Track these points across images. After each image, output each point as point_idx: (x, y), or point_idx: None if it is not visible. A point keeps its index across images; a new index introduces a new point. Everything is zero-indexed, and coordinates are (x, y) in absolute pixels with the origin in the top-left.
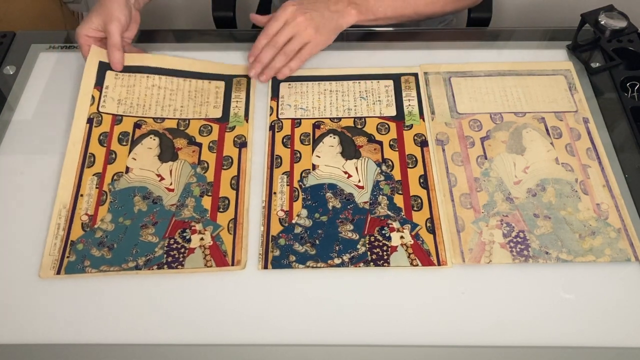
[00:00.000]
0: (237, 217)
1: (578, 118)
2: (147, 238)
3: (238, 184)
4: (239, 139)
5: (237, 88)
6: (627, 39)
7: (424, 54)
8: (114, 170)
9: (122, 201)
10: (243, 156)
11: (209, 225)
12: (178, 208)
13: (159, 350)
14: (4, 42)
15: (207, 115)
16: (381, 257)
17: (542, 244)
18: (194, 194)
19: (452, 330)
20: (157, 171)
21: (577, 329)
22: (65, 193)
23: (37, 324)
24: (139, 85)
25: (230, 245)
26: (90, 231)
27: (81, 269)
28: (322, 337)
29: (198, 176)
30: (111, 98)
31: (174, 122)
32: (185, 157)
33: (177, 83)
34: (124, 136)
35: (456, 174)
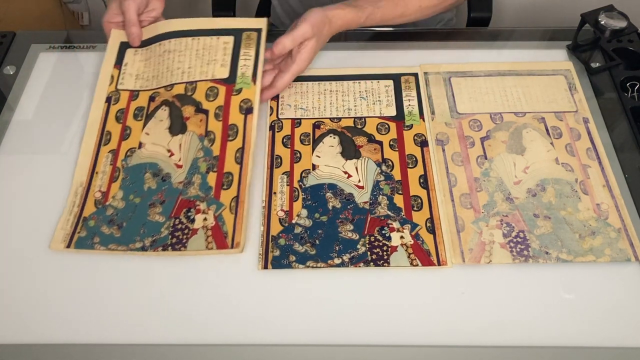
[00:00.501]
0: (239, 194)
1: (578, 118)
2: (154, 217)
3: (242, 158)
4: (245, 103)
5: (247, 44)
6: (627, 39)
7: (424, 54)
8: (128, 146)
9: (134, 178)
10: (248, 124)
11: (212, 204)
12: (185, 186)
13: (157, 350)
14: (4, 42)
15: (214, 76)
16: (381, 257)
17: (542, 244)
18: (200, 170)
19: (452, 330)
20: (168, 146)
21: (577, 329)
22: (82, 172)
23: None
24: (153, 56)
25: (231, 226)
26: (102, 208)
27: (90, 245)
28: (322, 337)
29: (205, 150)
30: (129, 74)
31: (182, 87)
32: (193, 128)
33: (186, 43)
34: (139, 111)
35: (456, 174)
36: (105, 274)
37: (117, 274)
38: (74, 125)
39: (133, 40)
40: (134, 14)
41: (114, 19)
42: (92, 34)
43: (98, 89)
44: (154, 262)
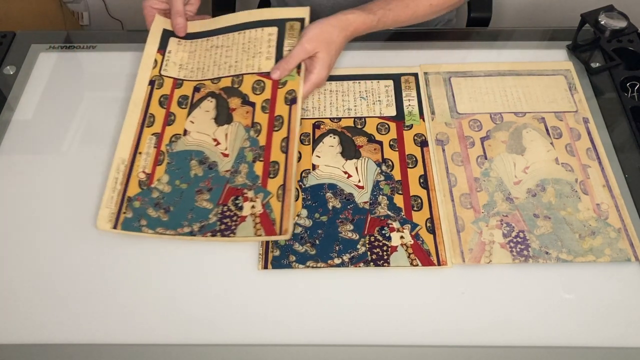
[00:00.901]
0: (285, 182)
1: (578, 118)
2: (202, 204)
3: (287, 147)
4: (289, 94)
5: (290, 34)
6: (627, 39)
7: (424, 54)
8: (173, 132)
9: (179, 164)
10: (293, 114)
11: (259, 192)
12: (232, 174)
13: (157, 350)
14: (4, 42)
15: (260, 69)
16: (381, 257)
17: (542, 244)
18: (247, 159)
19: (452, 330)
20: (214, 135)
21: (577, 329)
22: (124, 149)
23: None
24: (199, 49)
25: (278, 213)
26: (146, 190)
27: (137, 228)
28: (322, 337)
29: (251, 140)
30: (173, 62)
31: (228, 80)
32: (239, 119)
33: (233, 38)
34: (184, 99)
35: (456, 174)
36: (105, 274)
37: (117, 274)
38: (74, 125)
39: (179, 30)
40: (181, 5)
41: (158, 5)
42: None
43: (141, 69)
44: (153, 262)
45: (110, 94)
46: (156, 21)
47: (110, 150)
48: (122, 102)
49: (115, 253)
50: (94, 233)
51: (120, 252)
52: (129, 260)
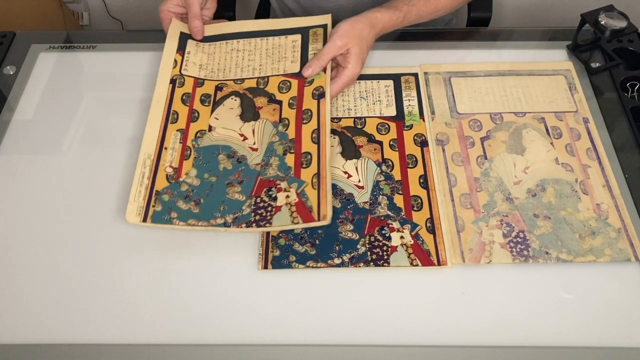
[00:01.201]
0: (319, 171)
1: (578, 118)
2: (233, 196)
3: (319, 137)
4: (317, 90)
5: (314, 39)
6: (627, 39)
7: (424, 54)
8: (197, 128)
9: (207, 158)
10: (322, 107)
11: (293, 182)
12: (263, 167)
13: (157, 351)
14: (4, 42)
15: (286, 71)
16: (381, 257)
17: (542, 244)
18: (277, 152)
19: (452, 330)
20: (240, 130)
21: (577, 329)
22: (149, 144)
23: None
24: (218, 52)
25: (315, 200)
26: (175, 183)
27: (168, 220)
28: (322, 337)
29: (280, 134)
30: (193, 63)
31: (253, 82)
32: (266, 116)
33: (255, 43)
34: (206, 97)
35: (456, 174)
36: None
37: (117, 275)
38: (74, 125)
39: (196, 33)
40: (198, 8)
41: (174, 9)
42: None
43: (162, 69)
44: (153, 263)
45: (110, 94)
46: (173, 24)
47: (110, 150)
48: (122, 102)
49: (115, 253)
50: (93, 234)
51: (120, 253)
52: (128, 260)
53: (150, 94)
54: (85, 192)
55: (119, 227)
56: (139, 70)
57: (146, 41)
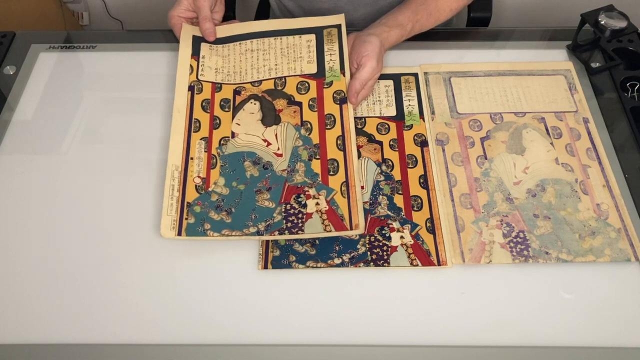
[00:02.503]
0: (348, 179)
1: (578, 118)
2: (263, 203)
3: (344, 144)
4: (338, 94)
5: (329, 40)
6: (627, 39)
7: (424, 54)
8: (220, 135)
9: (233, 165)
10: (345, 113)
11: (322, 189)
12: (289, 173)
13: (156, 351)
14: (4, 42)
15: (303, 71)
16: (381, 257)
17: (542, 244)
18: (302, 158)
19: (452, 330)
20: (263, 136)
21: (577, 329)
22: (175, 156)
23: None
24: (233, 54)
25: (346, 209)
26: (205, 194)
27: (202, 232)
28: (322, 337)
29: (303, 138)
30: (208, 67)
31: (270, 83)
32: (287, 119)
33: (269, 42)
34: (225, 102)
35: (456, 174)
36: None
37: (117, 274)
38: (74, 125)
39: (209, 35)
40: (208, 11)
41: (184, 14)
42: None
43: (179, 76)
44: (153, 263)
45: (110, 94)
46: (185, 29)
47: (110, 150)
48: (122, 102)
49: (114, 253)
50: (92, 234)
51: (120, 253)
52: (128, 260)
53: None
54: (85, 192)
55: (118, 227)
56: (139, 70)
57: (146, 41)
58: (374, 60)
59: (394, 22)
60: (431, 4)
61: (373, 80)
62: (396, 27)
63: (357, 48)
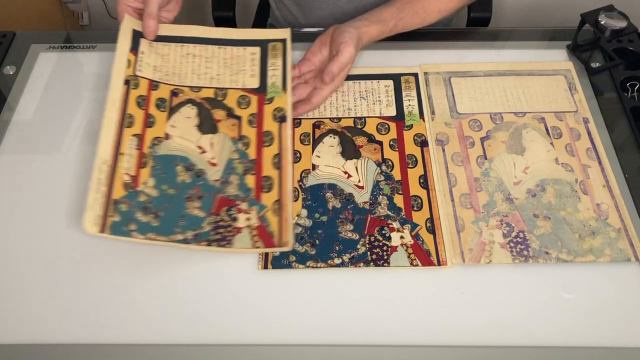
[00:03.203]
0: (281, 198)
1: (578, 118)
2: (193, 211)
3: (281, 164)
4: (278, 112)
5: (273, 54)
6: (627, 39)
7: (424, 54)
8: (154, 135)
9: (165, 168)
10: (283, 132)
11: (254, 205)
12: (222, 184)
13: (156, 351)
14: (4, 42)
15: (245, 85)
16: (381, 257)
17: (542, 244)
18: (237, 171)
19: (452, 330)
20: (198, 142)
21: (577, 329)
22: (105, 149)
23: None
24: (173, 54)
25: (276, 226)
26: (133, 193)
27: (127, 232)
28: (322, 337)
29: (240, 152)
30: (147, 63)
31: (211, 92)
32: (225, 131)
33: (212, 50)
34: (162, 102)
35: (456, 174)
36: (104, 274)
37: (117, 274)
38: (74, 125)
39: (148, 34)
40: (155, 7)
41: (132, 3)
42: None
43: (115, 69)
44: (152, 263)
45: None
46: (126, 21)
47: None
48: None
49: (114, 253)
50: None
51: (119, 252)
52: (128, 260)
53: None
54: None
55: None
56: None
57: None
58: (352, 47)
59: (376, 18)
60: (417, 4)
61: (347, 70)
62: (378, 22)
63: (335, 37)
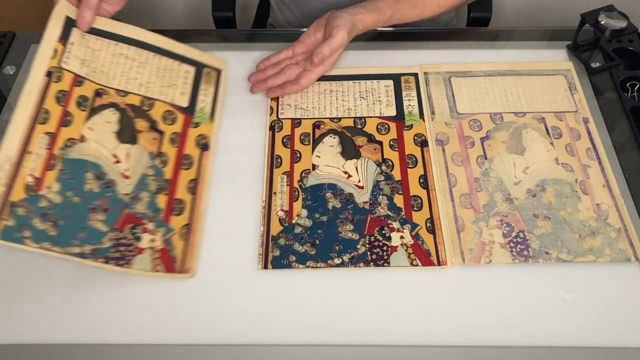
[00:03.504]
0: (191, 223)
1: (578, 118)
2: (95, 224)
3: (196, 189)
4: (201, 139)
5: (206, 80)
6: (627, 39)
7: (424, 54)
8: (68, 135)
9: (74, 173)
10: (204, 160)
11: (161, 226)
12: (131, 200)
13: (156, 351)
14: (4, 42)
15: (173, 101)
16: (381, 257)
17: (542, 244)
18: (149, 188)
19: (452, 330)
20: (114, 151)
21: (577, 329)
22: (11, 145)
23: None
24: (105, 51)
25: (181, 251)
26: (34, 196)
27: (19, 239)
28: (322, 337)
29: (156, 169)
30: (75, 56)
31: (137, 99)
32: (145, 143)
33: (147, 56)
34: (83, 100)
35: (456, 174)
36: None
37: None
38: None
39: (83, 25)
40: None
41: None
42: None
43: (39, 57)
44: None
45: None
46: (60, 5)
47: None
48: None
49: None
50: None
51: None
52: None
53: None
54: None
55: None
56: None
57: None
58: (344, 32)
59: (373, 7)
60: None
61: (337, 55)
62: (374, 11)
63: (329, 22)
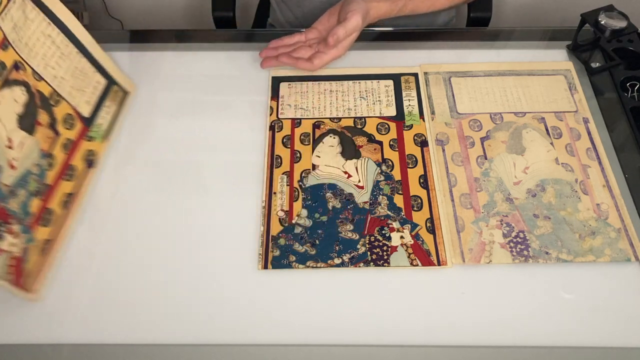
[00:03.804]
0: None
1: (578, 118)
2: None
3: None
4: (91, 154)
5: (112, 97)
6: (627, 39)
7: (424, 54)
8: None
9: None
10: (87, 176)
11: (25, 232)
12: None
13: (156, 351)
14: None
15: (77, 107)
16: (381, 257)
17: (542, 244)
18: (29, 187)
19: (452, 330)
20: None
21: (577, 329)
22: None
23: None
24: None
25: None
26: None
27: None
28: (322, 337)
29: (41, 169)
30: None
31: (48, 90)
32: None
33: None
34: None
35: (456, 174)
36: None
37: (114, 272)
38: None
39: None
40: None
41: None
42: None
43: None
44: (152, 262)
45: None
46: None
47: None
48: None
49: (113, 253)
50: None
51: (119, 252)
52: (128, 259)
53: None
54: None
55: (118, 228)
56: (138, 69)
57: (146, 41)
58: (359, 16)
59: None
60: None
61: (351, 40)
62: (387, 1)
63: (344, 7)
